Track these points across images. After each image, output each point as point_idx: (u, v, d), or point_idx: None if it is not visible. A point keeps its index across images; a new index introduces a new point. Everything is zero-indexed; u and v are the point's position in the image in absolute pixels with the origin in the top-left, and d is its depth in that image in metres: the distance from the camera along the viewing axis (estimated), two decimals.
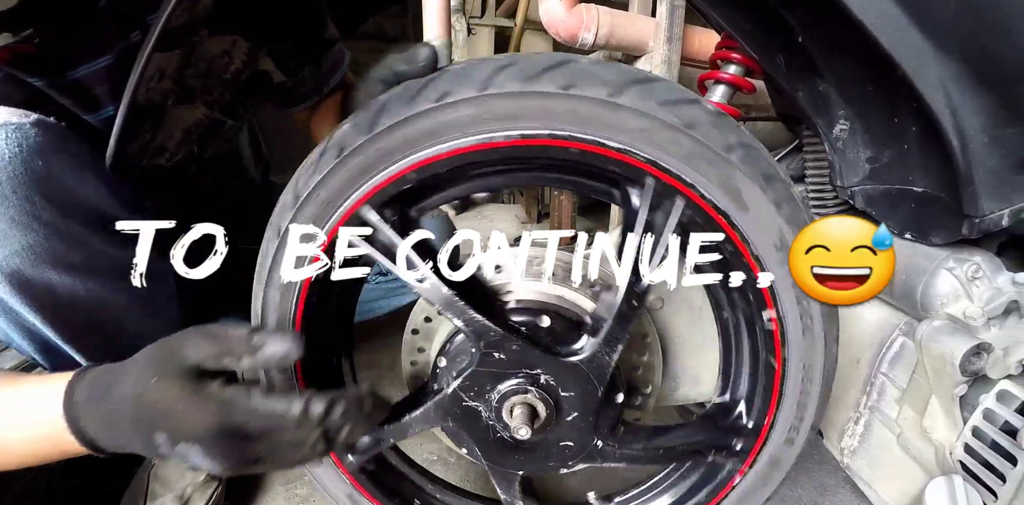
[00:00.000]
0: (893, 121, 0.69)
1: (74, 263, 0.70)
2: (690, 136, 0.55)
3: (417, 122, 0.54)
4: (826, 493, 1.14)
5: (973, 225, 0.61)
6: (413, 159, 0.55)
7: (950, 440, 0.66)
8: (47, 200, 0.66)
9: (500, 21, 2.43)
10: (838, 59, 0.68)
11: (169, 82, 0.62)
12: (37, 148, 0.65)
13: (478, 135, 0.54)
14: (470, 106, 0.53)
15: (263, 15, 0.65)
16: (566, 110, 0.53)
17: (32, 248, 0.66)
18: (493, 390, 0.64)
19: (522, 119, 0.54)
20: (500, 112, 0.54)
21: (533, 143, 0.54)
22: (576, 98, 0.53)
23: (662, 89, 0.56)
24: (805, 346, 0.61)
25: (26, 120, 0.65)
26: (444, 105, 0.53)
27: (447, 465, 1.15)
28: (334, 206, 0.57)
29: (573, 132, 0.54)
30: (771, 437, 0.66)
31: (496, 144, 0.54)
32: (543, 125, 0.54)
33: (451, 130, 0.54)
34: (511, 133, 0.54)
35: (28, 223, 0.65)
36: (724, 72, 0.81)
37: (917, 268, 0.69)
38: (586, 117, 0.54)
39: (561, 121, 0.54)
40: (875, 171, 0.75)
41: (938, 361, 0.63)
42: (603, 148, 0.55)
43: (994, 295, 0.65)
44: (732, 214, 0.57)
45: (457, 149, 0.54)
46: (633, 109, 0.54)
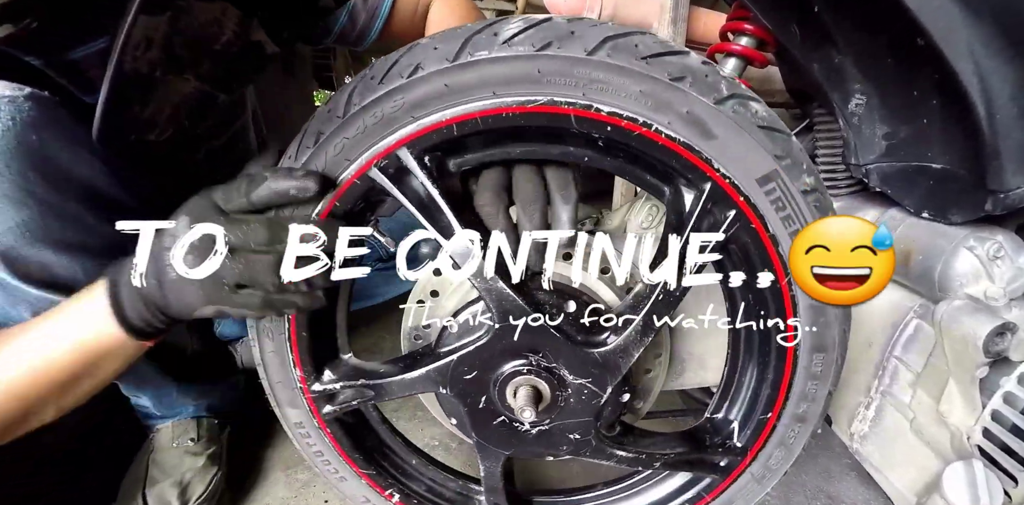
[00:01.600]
0: (912, 94, 0.66)
1: (69, 241, 0.69)
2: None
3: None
4: (831, 479, 1.13)
5: (998, 200, 0.59)
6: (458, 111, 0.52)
7: (968, 424, 0.64)
8: (41, 176, 0.65)
9: (501, 4, 2.40)
10: (856, 28, 0.65)
11: (157, 51, 0.59)
12: (31, 122, 0.63)
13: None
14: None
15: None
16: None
17: (26, 224, 0.65)
18: (501, 368, 0.62)
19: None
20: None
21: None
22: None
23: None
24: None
25: (20, 94, 0.63)
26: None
27: (449, 450, 1.14)
28: (370, 141, 0.54)
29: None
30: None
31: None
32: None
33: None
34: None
35: (22, 199, 0.64)
36: (736, 44, 0.78)
37: (935, 248, 0.67)
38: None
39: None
40: (891, 147, 0.72)
41: (959, 342, 0.61)
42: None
43: (1016, 275, 0.63)
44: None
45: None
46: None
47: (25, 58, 0.71)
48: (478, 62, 0.51)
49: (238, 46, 0.69)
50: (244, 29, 0.68)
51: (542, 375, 0.61)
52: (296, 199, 0.53)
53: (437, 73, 0.52)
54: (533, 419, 0.60)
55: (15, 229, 0.64)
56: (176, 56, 0.63)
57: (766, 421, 0.66)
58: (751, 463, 0.68)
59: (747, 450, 0.68)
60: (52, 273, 0.69)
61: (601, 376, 0.62)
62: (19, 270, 0.66)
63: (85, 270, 0.71)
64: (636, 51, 0.51)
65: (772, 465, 0.68)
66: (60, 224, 0.68)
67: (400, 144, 0.54)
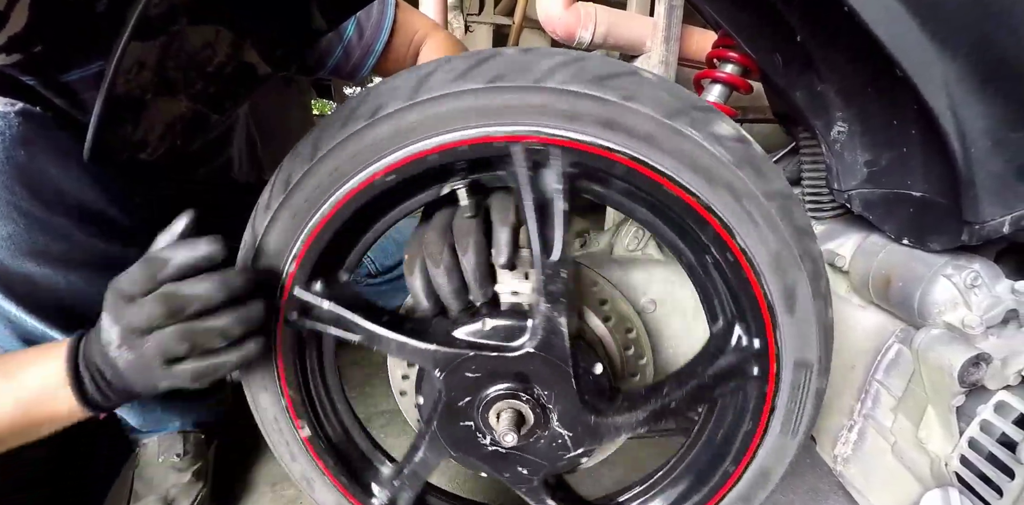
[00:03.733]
0: (893, 123, 0.67)
1: (55, 255, 0.70)
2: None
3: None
4: (818, 497, 1.13)
5: (973, 232, 0.60)
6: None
7: (946, 451, 0.64)
8: (28, 190, 0.66)
9: (498, 19, 2.42)
10: (837, 58, 0.67)
11: (149, 74, 0.60)
12: (20, 137, 0.64)
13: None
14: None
15: (245, 4, 0.63)
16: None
17: (11, 238, 0.66)
18: (475, 402, 0.61)
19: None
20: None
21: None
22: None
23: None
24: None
25: (11, 109, 0.64)
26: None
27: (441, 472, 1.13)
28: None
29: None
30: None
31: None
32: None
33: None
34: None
35: (8, 213, 0.65)
36: (721, 71, 0.79)
37: (914, 275, 0.68)
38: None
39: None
40: (873, 175, 0.73)
41: (936, 371, 0.62)
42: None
43: (993, 303, 0.63)
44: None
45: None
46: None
47: (21, 77, 0.73)
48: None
49: (231, 68, 0.69)
50: (237, 51, 0.68)
51: (515, 397, 0.61)
52: (210, 265, 0.54)
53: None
54: (517, 440, 0.60)
55: (1, 242, 0.65)
56: (169, 78, 0.63)
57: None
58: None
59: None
60: (33, 286, 0.70)
61: (551, 365, 0.60)
62: (2, 283, 0.67)
63: (68, 283, 0.72)
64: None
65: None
66: (46, 238, 0.69)
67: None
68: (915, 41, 0.51)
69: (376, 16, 1.05)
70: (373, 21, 1.05)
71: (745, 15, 0.69)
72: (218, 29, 0.65)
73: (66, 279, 0.72)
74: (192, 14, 0.59)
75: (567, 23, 1.45)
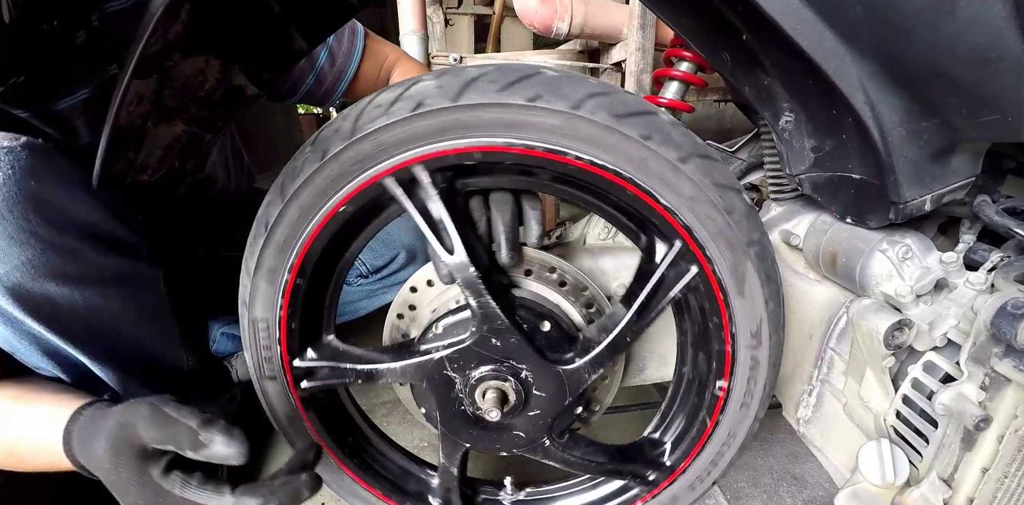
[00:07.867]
0: (832, 113, 0.73)
1: (70, 274, 0.75)
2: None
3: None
4: (796, 461, 1.21)
5: (899, 210, 0.66)
6: (479, 142, 0.60)
7: (884, 408, 0.72)
8: (41, 217, 0.70)
9: (479, 9, 2.43)
10: (778, 56, 0.72)
11: (148, 105, 0.66)
12: (28, 169, 0.69)
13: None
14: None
15: (231, 36, 0.69)
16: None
17: (31, 262, 0.70)
18: (476, 370, 0.70)
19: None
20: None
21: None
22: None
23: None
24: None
25: (16, 143, 0.68)
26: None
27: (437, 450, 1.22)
28: (388, 154, 0.61)
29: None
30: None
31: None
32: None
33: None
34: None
35: (25, 240, 0.69)
36: (676, 69, 0.85)
37: (855, 250, 0.74)
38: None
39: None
40: (819, 159, 0.79)
41: (867, 336, 0.69)
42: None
43: (923, 274, 0.70)
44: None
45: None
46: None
47: (13, 111, 0.77)
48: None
49: (221, 91, 0.75)
50: (226, 76, 0.74)
51: (510, 381, 0.70)
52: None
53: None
54: (498, 419, 0.69)
55: (21, 267, 0.70)
56: (166, 106, 0.69)
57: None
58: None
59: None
60: (54, 305, 0.74)
61: (561, 389, 0.71)
62: (27, 305, 0.71)
63: (84, 299, 0.77)
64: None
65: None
66: (61, 259, 0.73)
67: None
68: (830, 45, 0.57)
69: (347, 45, 1.12)
70: (344, 49, 1.12)
71: (692, 18, 0.74)
72: (207, 58, 0.71)
73: (82, 296, 0.76)
74: (184, 48, 0.65)
75: (544, 15, 1.48)
